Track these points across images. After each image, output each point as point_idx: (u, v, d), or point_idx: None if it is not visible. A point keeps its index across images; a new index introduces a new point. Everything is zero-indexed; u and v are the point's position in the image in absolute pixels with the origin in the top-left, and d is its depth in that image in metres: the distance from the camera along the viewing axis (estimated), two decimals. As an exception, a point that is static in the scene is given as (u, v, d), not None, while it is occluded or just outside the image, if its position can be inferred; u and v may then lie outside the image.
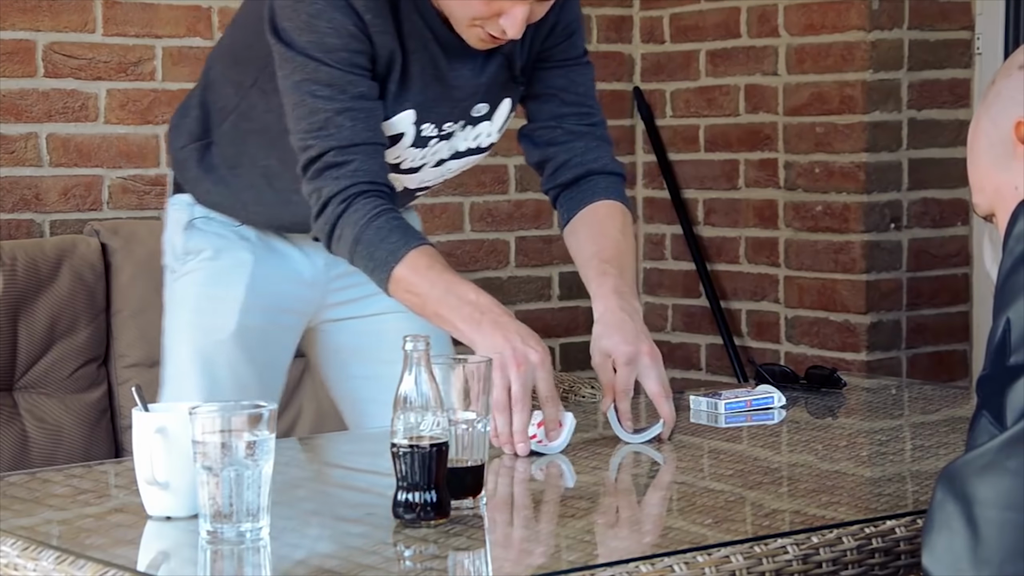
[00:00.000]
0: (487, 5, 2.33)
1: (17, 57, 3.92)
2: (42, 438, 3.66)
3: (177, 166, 2.72)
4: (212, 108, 2.65)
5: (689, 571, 1.74)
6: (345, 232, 2.38)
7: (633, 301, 2.43)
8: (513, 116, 2.63)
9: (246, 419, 1.82)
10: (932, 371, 4.49)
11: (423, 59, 2.45)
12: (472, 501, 1.97)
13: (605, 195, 2.60)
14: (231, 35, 2.64)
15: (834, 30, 4.41)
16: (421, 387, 1.89)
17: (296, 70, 2.40)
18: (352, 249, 2.38)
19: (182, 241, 2.69)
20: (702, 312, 4.82)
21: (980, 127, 1.86)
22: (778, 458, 2.39)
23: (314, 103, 2.39)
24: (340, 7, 2.37)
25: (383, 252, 2.35)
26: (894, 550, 1.89)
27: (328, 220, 2.40)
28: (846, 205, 4.41)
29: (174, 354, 2.68)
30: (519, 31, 2.35)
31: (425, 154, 2.54)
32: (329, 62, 2.38)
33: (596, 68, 5.05)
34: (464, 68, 2.48)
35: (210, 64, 2.69)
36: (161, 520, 1.94)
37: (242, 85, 2.57)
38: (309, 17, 2.38)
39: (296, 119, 2.42)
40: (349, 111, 2.39)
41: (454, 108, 2.52)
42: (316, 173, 2.41)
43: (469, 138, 2.59)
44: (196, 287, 2.67)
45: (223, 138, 2.64)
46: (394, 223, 2.37)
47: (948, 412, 2.73)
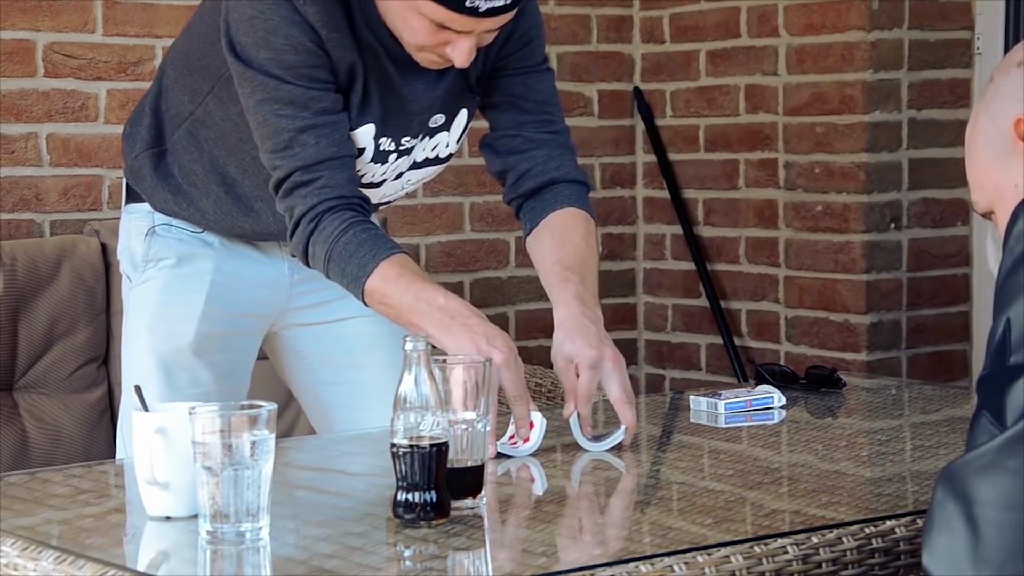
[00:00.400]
0: (432, 36, 2.32)
1: (17, 57, 3.92)
2: (42, 438, 3.66)
3: (132, 175, 2.70)
4: (165, 116, 2.63)
5: (689, 571, 1.74)
6: (317, 250, 2.39)
7: (595, 308, 2.42)
8: (472, 126, 2.62)
9: (246, 419, 1.82)
10: (932, 371, 4.49)
11: (378, 73, 2.45)
12: (472, 501, 1.97)
13: (568, 203, 2.58)
14: (186, 42, 2.61)
15: (834, 30, 4.41)
16: (421, 387, 1.89)
17: (256, 89, 2.39)
18: (326, 266, 2.40)
19: (143, 249, 2.68)
20: (702, 312, 4.82)
21: (978, 125, 1.86)
22: (778, 458, 2.39)
23: (277, 122, 2.39)
24: (296, 23, 2.36)
25: (354, 267, 2.36)
26: (894, 550, 1.89)
27: (300, 239, 2.41)
28: (846, 205, 4.41)
29: (133, 361, 2.67)
30: (466, 61, 2.34)
31: (386, 170, 2.54)
32: (289, 79, 2.37)
33: (596, 68, 5.04)
34: (417, 82, 2.47)
35: (163, 70, 2.66)
36: (161, 520, 1.94)
37: (198, 92, 2.55)
38: (266, 33, 2.37)
39: (262, 138, 2.42)
40: (312, 128, 2.39)
41: (410, 121, 2.51)
42: (286, 192, 2.41)
43: (427, 148, 2.58)
44: (155, 294, 2.66)
45: (177, 145, 2.62)
46: (362, 236, 2.37)
47: (948, 412, 2.73)
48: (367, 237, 2.38)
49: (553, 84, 2.64)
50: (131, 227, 2.71)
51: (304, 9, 2.36)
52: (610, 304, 4.91)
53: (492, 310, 4.67)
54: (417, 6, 2.29)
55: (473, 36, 2.32)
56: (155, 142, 2.64)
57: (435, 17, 2.29)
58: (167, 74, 2.64)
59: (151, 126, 2.64)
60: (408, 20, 2.33)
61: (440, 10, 2.28)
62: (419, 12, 2.30)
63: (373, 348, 2.68)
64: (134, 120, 2.70)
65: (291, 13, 2.36)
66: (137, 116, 2.70)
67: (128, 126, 2.71)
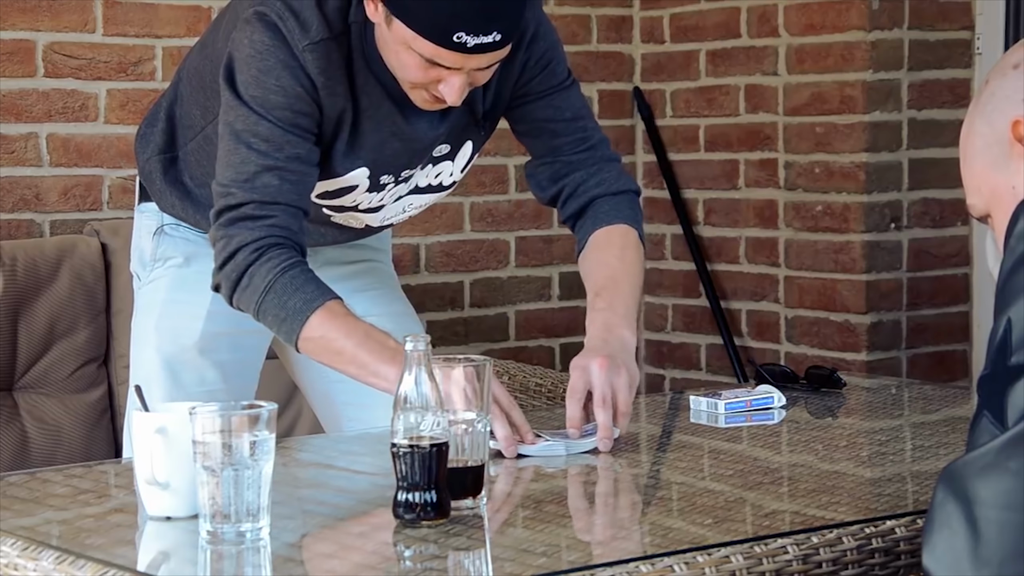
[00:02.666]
0: (424, 73, 2.33)
1: (17, 57, 3.92)
2: (42, 438, 3.66)
3: (144, 176, 2.72)
4: (179, 124, 2.65)
5: (689, 571, 1.74)
6: (255, 281, 2.36)
7: (622, 330, 2.42)
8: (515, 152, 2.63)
9: (246, 419, 1.82)
10: (932, 371, 4.49)
11: (378, 116, 2.45)
12: (472, 501, 1.97)
13: (606, 220, 2.58)
14: (201, 60, 2.61)
15: (834, 30, 4.41)
16: (421, 387, 1.89)
17: (238, 119, 2.40)
18: (260, 298, 2.36)
19: (152, 247, 2.70)
20: (702, 312, 4.82)
21: (974, 128, 1.85)
22: (778, 458, 2.39)
23: (247, 154, 2.39)
24: (291, 67, 2.38)
25: (297, 301, 2.34)
26: (894, 550, 1.89)
27: (237, 268, 2.37)
28: (846, 205, 4.41)
29: (140, 360, 2.68)
30: (458, 98, 2.34)
31: (383, 196, 2.55)
32: (270, 118, 2.38)
33: (596, 68, 5.03)
34: (422, 121, 2.48)
35: (180, 77, 2.67)
36: (161, 520, 1.94)
37: (209, 111, 2.56)
38: (259, 72, 2.38)
39: (225, 164, 2.41)
40: (279, 170, 2.38)
41: (413, 157, 2.52)
42: (231, 221, 2.39)
43: (430, 175, 2.59)
44: (162, 293, 2.68)
45: (189, 156, 2.64)
46: (308, 275, 2.37)
47: (948, 412, 2.73)
48: (313, 278, 2.37)
49: (580, 95, 2.63)
50: (141, 225, 2.74)
51: (303, 56, 2.37)
52: (610, 304, 4.91)
53: (492, 310, 4.68)
54: (408, 42, 2.30)
55: (463, 74, 2.32)
56: (167, 147, 2.66)
57: (424, 53, 2.29)
58: (182, 82, 2.65)
59: (165, 131, 2.66)
60: (400, 56, 2.34)
61: (428, 46, 2.28)
62: (410, 48, 2.31)
63: None
64: (149, 120, 2.72)
65: (288, 57, 2.37)
66: (152, 117, 2.71)
67: (143, 126, 2.73)
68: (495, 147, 4.59)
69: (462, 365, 1.99)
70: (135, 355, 2.71)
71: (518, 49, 2.45)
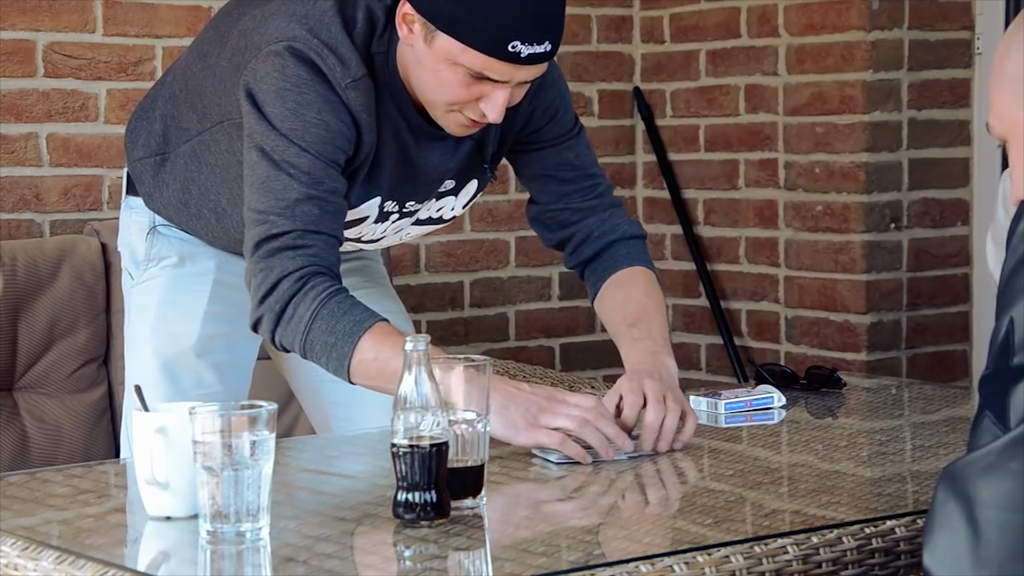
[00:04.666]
0: (467, 90, 2.31)
1: (17, 57, 3.92)
2: (42, 438, 3.66)
3: (134, 173, 2.68)
4: (172, 125, 2.60)
5: (689, 571, 1.74)
6: (299, 310, 2.31)
7: (664, 358, 2.43)
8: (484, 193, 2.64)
9: (246, 419, 1.82)
10: (932, 371, 4.49)
11: (394, 147, 2.44)
12: (472, 501, 1.97)
13: (627, 262, 2.60)
14: (199, 68, 2.56)
15: (834, 30, 4.41)
16: (421, 387, 1.89)
17: (276, 149, 2.34)
18: (308, 326, 2.30)
19: (145, 247, 2.67)
20: (702, 312, 4.82)
21: (1010, 55, 1.81)
22: (778, 458, 2.39)
23: (289, 181, 2.33)
24: (333, 102, 2.34)
25: (347, 323, 2.29)
26: (894, 550, 1.89)
27: (280, 299, 2.32)
28: (846, 205, 4.41)
29: (137, 361, 2.67)
30: (500, 115, 2.33)
31: (387, 228, 2.55)
32: (312, 151, 2.34)
33: (596, 68, 5.03)
34: (433, 154, 2.48)
35: (174, 76, 2.63)
36: (161, 520, 1.94)
37: (207, 118, 2.53)
38: (297, 105, 2.34)
39: (263, 191, 2.35)
40: (320, 200, 2.34)
41: (419, 189, 2.52)
42: (270, 252, 2.33)
43: (432, 209, 2.59)
44: (158, 293, 2.65)
45: (179, 160, 2.60)
46: (353, 300, 2.32)
47: (948, 412, 2.73)
48: (358, 303, 2.33)
49: (587, 143, 2.65)
50: (131, 222, 2.71)
51: (346, 94, 2.35)
52: (610, 304, 4.91)
53: (492, 310, 4.68)
54: (454, 56, 2.28)
55: (509, 88, 2.31)
56: (160, 148, 2.63)
57: (474, 66, 2.28)
58: (177, 82, 2.61)
59: (158, 132, 2.63)
60: (441, 74, 2.31)
61: (480, 57, 2.27)
62: (455, 63, 2.29)
63: None
64: (140, 115, 2.68)
65: (328, 92, 2.34)
66: (145, 113, 2.67)
67: (134, 120, 2.69)
68: (495, 147, 4.60)
69: (462, 365, 1.99)
70: (130, 356, 2.70)
71: (524, 98, 2.43)
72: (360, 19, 2.38)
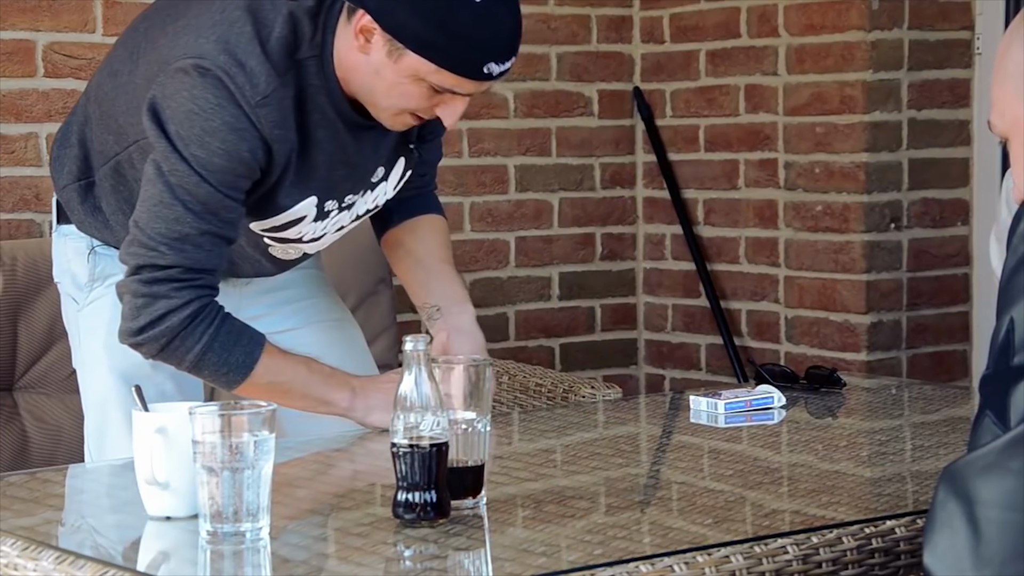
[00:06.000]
0: (428, 100, 2.33)
1: (17, 57, 3.92)
2: (42, 438, 3.66)
3: (63, 201, 2.64)
4: (92, 147, 2.57)
5: (689, 571, 1.74)
6: (188, 342, 2.37)
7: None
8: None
9: (246, 419, 1.82)
10: (932, 371, 4.49)
11: (331, 147, 2.43)
12: (472, 501, 1.97)
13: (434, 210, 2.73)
14: (111, 87, 2.52)
15: (834, 30, 4.40)
16: (421, 387, 1.89)
17: (174, 173, 2.33)
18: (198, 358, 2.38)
19: (87, 269, 2.62)
20: (702, 312, 4.82)
21: (1011, 52, 1.81)
22: (778, 458, 2.39)
23: (183, 214, 2.34)
24: (238, 129, 2.32)
25: (238, 355, 2.38)
26: (894, 550, 1.89)
27: (168, 332, 2.36)
28: (846, 205, 4.41)
29: (94, 380, 2.64)
30: (455, 122, 2.37)
31: (327, 225, 2.54)
32: (211, 182, 2.33)
33: (596, 68, 5.04)
34: (367, 144, 2.48)
35: (87, 98, 2.59)
36: (161, 520, 1.94)
37: (123, 138, 2.49)
38: (203, 132, 2.32)
39: (154, 216, 2.35)
40: (212, 235, 2.36)
41: (356, 183, 2.52)
42: (154, 280, 2.36)
43: (368, 202, 2.58)
44: (107, 311, 2.58)
45: (104, 180, 2.56)
46: (235, 325, 2.40)
47: (948, 412, 2.73)
48: (241, 327, 2.41)
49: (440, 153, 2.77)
50: (68, 249, 2.65)
51: (255, 112, 2.32)
52: (610, 304, 4.91)
53: (492, 310, 4.67)
54: (422, 74, 2.29)
55: (467, 99, 2.34)
56: (82, 173, 2.59)
57: (443, 84, 2.30)
58: (90, 104, 2.57)
59: (78, 156, 2.58)
60: (403, 87, 2.32)
61: (452, 77, 2.29)
62: (421, 80, 2.30)
63: (324, 356, 2.66)
64: (60, 142, 2.63)
65: (234, 118, 2.31)
66: (64, 140, 2.62)
67: (55, 148, 2.64)
68: (495, 147, 4.59)
69: (462, 365, 1.99)
70: (85, 378, 2.66)
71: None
72: (279, 26, 2.35)
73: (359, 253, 3.89)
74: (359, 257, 3.90)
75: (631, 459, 2.34)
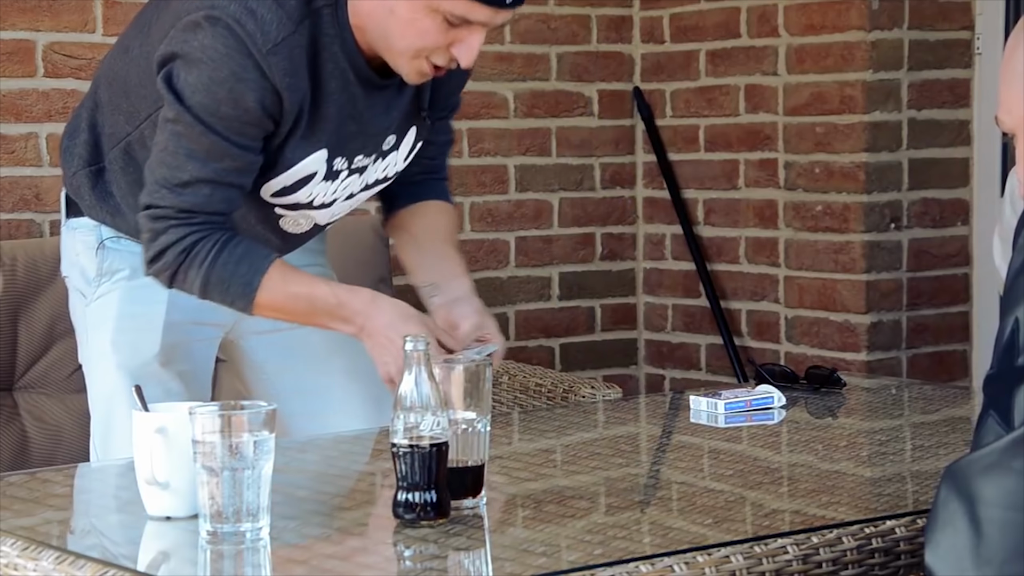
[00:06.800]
0: (443, 36, 2.31)
1: (17, 57, 3.92)
2: (42, 438, 3.66)
3: (72, 191, 2.64)
4: (102, 132, 2.57)
5: (689, 571, 1.74)
6: (189, 275, 2.41)
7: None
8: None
9: (246, 419, 1.82)
10: (932, 371, 4.49)
11: (342, 99, 2.43)
12: (472, 501, 1.97)
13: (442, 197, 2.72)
14: (123, 65, 2.53)
15: (834, 30, 4.40)
16: (421, 387, 1.89)
17: (180, 121, 2.35)
18: (202, 290, 2.42)
19: (95, 263, 2.62)
20: (702, 312, 4.82)
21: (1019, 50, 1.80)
22: (778, 458, 2.39)
23: (185, 162, 2.37)
24: (246, 79, 2.32)
25: (238, 284, 2.39)
26: (894, 550, 1.89)
27: (167, 267, 2.41)
28: (846, 205, 4.41)
29: (100, 377, 2.63)
30: (472, 59, 2.35)
31: (336, 188, 2.52)
32: (217, 129, 2.34)
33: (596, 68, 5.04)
34: (379, 104, 2.47)
35: (97, 83, 2.60)
36: (161, 520, 1.94)
37: (134, 116, 2.50)
38: (210, 81, 2.33)
39: (159, 161, 2.39)
40: (213, 183, 2.38)
41: (367, 143, 2.50)
42: (155, 218, 2.41)
43: (379, 170, 2.57)
44: (115, 307, 2.60)
45: (114, 164, 2.56)
46: (237, 252, 2.40)
47: (948, 412, 2.73)
48: (241, 252, 2.40)
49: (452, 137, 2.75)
50: (77, 242, 2.65)
51: (268, 60, 2.32)
52: (610, 304, 4.91)
53: (492, 310, 4.65)
54: (436, 3, 2.28)
55: (484, 32, 2.32)
56: (92, 159, 2.59)
57: (456, 11, 2.28)
58: (101, 89, 2.58)
59: (88, 142, 2.59)
60: (418, 22, 2.31)
61: (464, 3, 2.28)
62: (435, 10, 2.29)
63: (331, 356, 2.65)
64: (70, 133, 2.64)
65: (242, 68, 2.32)
66: (73, 129, 2.63)
67: (65, 138, 2.65)
68: (495, 147, 4.59)
69: (462, 365, 1.99)
70: (92, 374, 2.65)
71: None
72: None
73: (359, 252, 3.89)
74: (359, 257, 3.90)
75: (631, 459, 2.34)
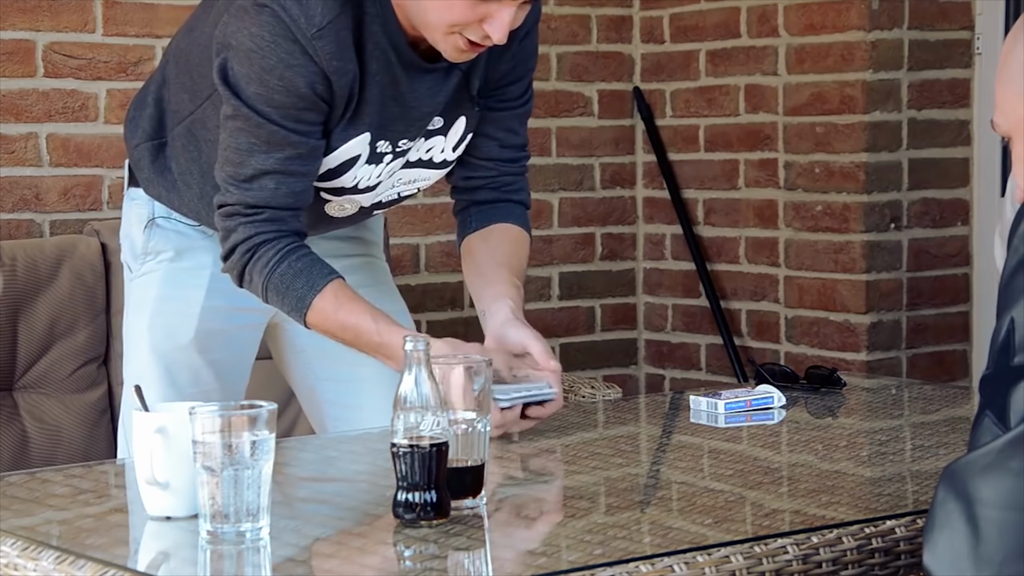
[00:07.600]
0: (472, 10, 2.30)
1: (17, 57, 3.92)
2: (42, 438, 3.66)
3: (133, 162, 2.68)
4: (167, 108, 2.61)
5: (689, 571, 1.74)
6: (254, 278, 2.44)
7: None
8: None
9: (246, 419, 1.82)
10: (932, 371, 4.49)
11: (384, 80, 2.43)
12: (472, 501, 1.97)
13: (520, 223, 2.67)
14: (188, 44, 2.57)
15: (834, 30, 4.41)
16: (421, 387, 1.89)
17: (238, 117, 2.39)
18: (264, 295, 2.46)
19: (143, 240, 2.67)
20: (702, 312, 4.82)
21: (1015, 52, 1.81)
22: (778, 458, 2.39)
23: (247, 157, 2.40)
24: (295, 65, 2.34)
25: (292, 299, 2.43)
26: (894, 550, 1.89)
27: (236, 265, 2.45)
28: (846, 205, 4.41)
29: (134, 357, 2.67)
30: (504, 35, 2.32)
31: (380, 171, 2.53)
32: (274, 118, 2.37)
33: (596, 68, 5.04)
34: (423, 87, 2.46)
35: (167, 60, 2.64)
36: (161, 520, 1.94)
37: (197, 95, 2.53)
38: (261, 70, 2.35)
39: (225, 160, 2.43)
40: (278, 174, 2.40)
41: (411, 126, 2.50)
42: (227, 215, 2.45)
43: (422, 150, 2.56)
44: (155, 289, 2.64)
45: (176, 141, 2.59)
46: (298, 266, 2.42)
47: (948, 412, 2.73)
48: (303, 266, 2.42)
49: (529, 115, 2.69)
50: (132, 214, 2.70)
51: (313, 44, 2.34)
52: (610, 304, 4.91)
53: (492, 310, 4.67)
54: None
55: (514, 7, 2.30)
56: (156, 133, 2.62)
57: None
58: (169, 65, 2.61)
59: (153, 116, 2.62)
60: None
61: None
62: None
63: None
64: (137, 104, 2.68)
65: (289, 54, 2.34)
66: (140, 102, 2.67)
67: (132, 109, 2.69)
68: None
69: (462, 365, 1.99)
70: (129, 353, 2.69)
71: (513, 40, 2.42)
72: None
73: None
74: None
75: (631, 459, 2.34)
